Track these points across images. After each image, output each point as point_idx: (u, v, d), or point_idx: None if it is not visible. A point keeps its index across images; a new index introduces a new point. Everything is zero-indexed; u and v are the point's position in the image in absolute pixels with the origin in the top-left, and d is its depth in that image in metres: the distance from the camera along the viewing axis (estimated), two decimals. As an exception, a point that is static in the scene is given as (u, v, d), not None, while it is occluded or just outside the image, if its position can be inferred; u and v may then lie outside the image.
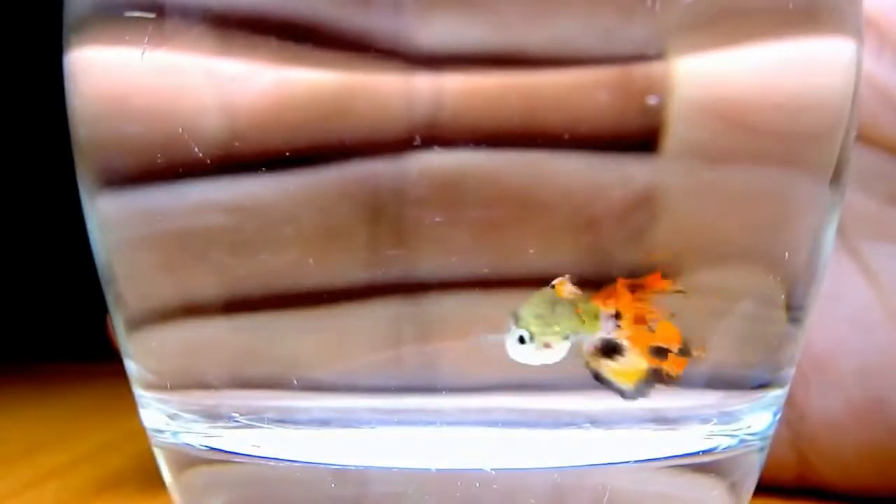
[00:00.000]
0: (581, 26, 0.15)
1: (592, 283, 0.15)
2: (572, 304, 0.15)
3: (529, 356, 0.15)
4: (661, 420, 0.16)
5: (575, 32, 0.15)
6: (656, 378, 0.15)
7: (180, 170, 0.15)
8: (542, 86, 0.15)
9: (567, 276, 0.15)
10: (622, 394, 0.15)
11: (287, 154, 0.15)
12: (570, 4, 0.14)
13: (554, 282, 0.15)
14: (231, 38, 0.15)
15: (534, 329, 0.15)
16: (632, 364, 0.15)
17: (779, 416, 0.17)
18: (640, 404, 0.16)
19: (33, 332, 0.52)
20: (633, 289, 0.15)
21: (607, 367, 0.15)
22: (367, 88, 0.15)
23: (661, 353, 0.15)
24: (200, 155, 0.15)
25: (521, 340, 0.15)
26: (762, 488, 0.18)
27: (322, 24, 0.15)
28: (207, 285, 0.16)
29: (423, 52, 0.14)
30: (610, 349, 0.15)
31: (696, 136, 0.15)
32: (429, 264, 0.15)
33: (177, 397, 0.17)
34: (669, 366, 0.15)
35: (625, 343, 0.15)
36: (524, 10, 0.14)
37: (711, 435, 0.16)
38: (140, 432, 0.18)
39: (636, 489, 0.16)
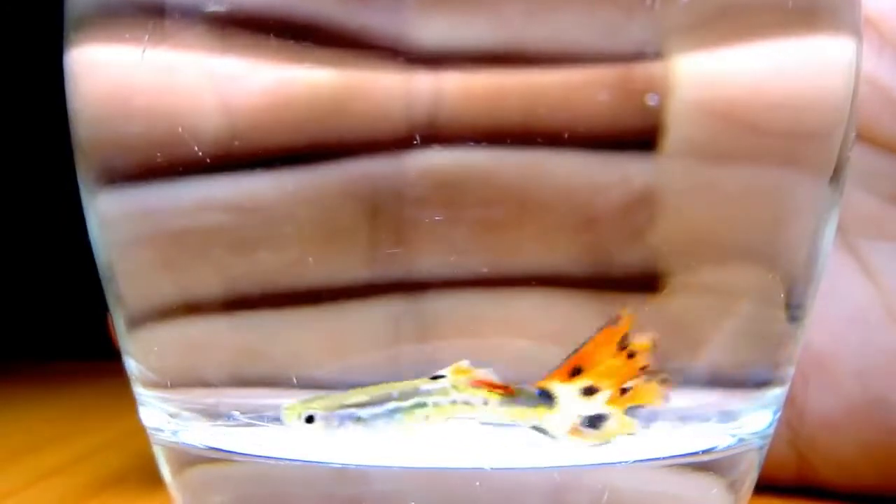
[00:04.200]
0: (580, 25, 0.15)
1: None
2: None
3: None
4: (661, 419, 0.16)
5: (574, 31, 0.15)
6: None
7: (180, 169, 0.15)
8: (542, 85, 0.15)
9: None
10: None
11: (287, 153, 0.15)
12: (569, 3, 0.15)
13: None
14: (231, 37, 0.15)
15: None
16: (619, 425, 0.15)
17: (778, 414, 0.17)
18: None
19: (34, 330, 0.52)
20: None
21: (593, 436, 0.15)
22: (367, 87, 0.15)
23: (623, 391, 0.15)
24: (200, 154, 0.15)
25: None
26: (761, 487, 0.18)
27: (322, 22, 0.15)
28: (207, 284, 0.16)
29: (422, 50, 0.14)
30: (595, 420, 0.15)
31: (695, 135, 0.15)
32: (428, 263, 0.15)
33: (177, 396, 0.17)
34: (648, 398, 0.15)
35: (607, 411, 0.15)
36: (523, 9, 0.14)
37: (711, 434, 0.16)
38: (140, 431, 0.18)
39: (635, 488, 0.16)
